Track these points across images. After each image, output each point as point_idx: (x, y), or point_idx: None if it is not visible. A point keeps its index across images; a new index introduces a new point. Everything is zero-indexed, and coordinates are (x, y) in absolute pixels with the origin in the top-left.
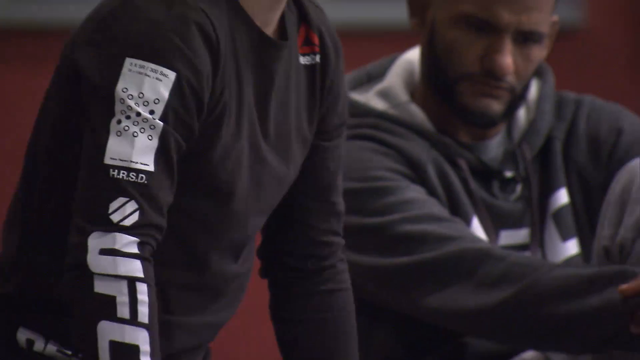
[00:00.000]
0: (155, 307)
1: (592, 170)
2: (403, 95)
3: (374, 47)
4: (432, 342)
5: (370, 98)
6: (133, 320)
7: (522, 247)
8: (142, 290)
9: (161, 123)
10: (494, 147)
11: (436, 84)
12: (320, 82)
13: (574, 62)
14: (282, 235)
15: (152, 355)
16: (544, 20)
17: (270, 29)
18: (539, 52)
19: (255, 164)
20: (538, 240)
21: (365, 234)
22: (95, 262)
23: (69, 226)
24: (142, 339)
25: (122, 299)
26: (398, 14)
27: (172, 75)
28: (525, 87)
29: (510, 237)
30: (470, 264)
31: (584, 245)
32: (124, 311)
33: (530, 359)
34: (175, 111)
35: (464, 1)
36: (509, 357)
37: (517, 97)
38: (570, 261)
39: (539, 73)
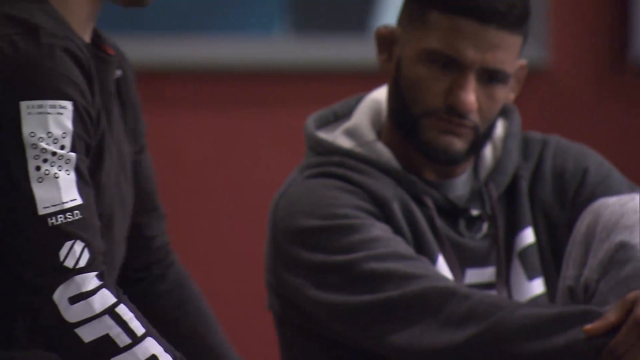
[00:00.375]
0: (139, 311)
1: (557, 210)
2: (369, 134)
3: (340, 87)
4: None
5: (337, 136)
6: (135, 339)
7: (488, 286)
8: (123, 311)
9: (73, 154)
10: (461, 185)
11: (400, 121)
12: (125, 95)
13: (538, 103)
14: None
15: (167, 350)
16: (509, 60)
17: None
18: (504, 93)
19: (118, 186)
20: (504, 279)
21: (331, 272)
22: (71, 312)
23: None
24: (152, 346)
25: (115, 331)
26: (366, 53)
27: (69, 104)
28: (490, 127)
29: (476, 275)
30: (436, 302)
31: (550, 284)
32: (123, 339)
33: None
34: (80, 137)
35: (430, 38)
36: None
37: (482, 137)
38: (535, 300)
39: (505, 113)
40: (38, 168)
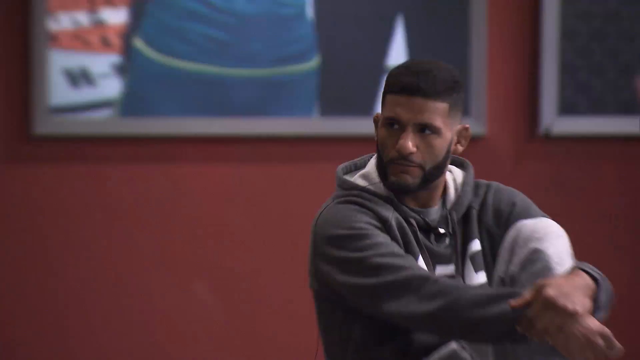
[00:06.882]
0: None
1: (495, 229)
2: (376, 178)
3: (351, 150)
4: (392, 334)
5: (356, 179)
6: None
7: (450, 277)
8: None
9: None
10: (434, 212)
11: (380, 167)
12: None
13: (477, 163)
14: None
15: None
16: (436, 118)
17: None
18: (439, 142)
19: None
20: (460, 272)
21: (350, 263)
22: None
23: None
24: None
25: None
26: (370, 127)
27: None
28: (439, 167)
29: (442, 270)
30: (417, 284)
31: (489, 276)
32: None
33: (452, 348)
34: None
35: (386, 110)
36: (439, 347)
37: (431, 173)
38: (480, 286)
39: (464, 167)
40: None
